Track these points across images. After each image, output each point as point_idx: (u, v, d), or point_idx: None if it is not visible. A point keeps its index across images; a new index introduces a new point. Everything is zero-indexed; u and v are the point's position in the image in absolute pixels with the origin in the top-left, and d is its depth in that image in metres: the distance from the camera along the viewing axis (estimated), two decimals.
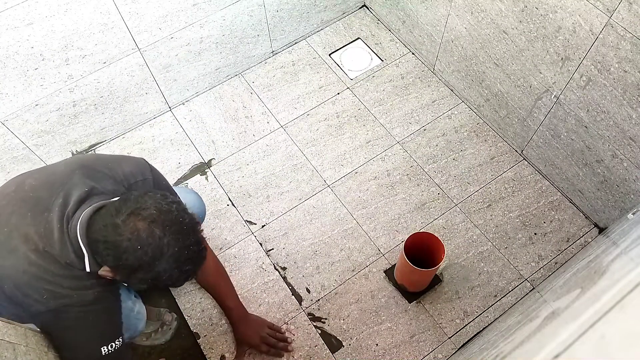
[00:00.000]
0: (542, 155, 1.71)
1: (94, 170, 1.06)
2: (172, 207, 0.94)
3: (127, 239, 0.89)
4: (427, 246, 1.45)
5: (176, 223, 0.93)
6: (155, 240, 0.90)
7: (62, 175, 1.03)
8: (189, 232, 0.95)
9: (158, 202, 0.94)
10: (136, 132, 1.91)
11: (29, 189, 1.01)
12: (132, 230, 0.90)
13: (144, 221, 0.90)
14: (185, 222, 0.95)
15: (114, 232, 0.90)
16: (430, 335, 1.51)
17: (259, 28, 1.91)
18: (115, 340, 1.03)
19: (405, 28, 2.02)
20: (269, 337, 1.47)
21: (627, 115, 1.33)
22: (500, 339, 1.12)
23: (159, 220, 0.91)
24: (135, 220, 0.90)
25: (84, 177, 1.03)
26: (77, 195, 0.99)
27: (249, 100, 1.98)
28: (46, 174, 1.05)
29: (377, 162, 1.82)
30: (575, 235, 1.65)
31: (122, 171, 1.09)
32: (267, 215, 1.73)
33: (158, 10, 1.58)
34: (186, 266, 0.95)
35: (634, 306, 0.54)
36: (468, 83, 1.85)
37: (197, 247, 0.96)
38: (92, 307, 0.99)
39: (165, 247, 0.91)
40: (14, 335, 0.94)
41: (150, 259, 0.90)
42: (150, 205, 0.92)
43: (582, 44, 1.33)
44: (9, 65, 1.42)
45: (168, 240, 0.91)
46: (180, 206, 0.97)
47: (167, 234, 0.91)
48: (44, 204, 0.98)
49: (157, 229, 0.91)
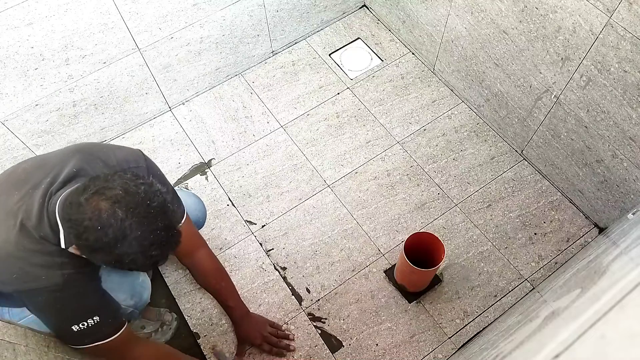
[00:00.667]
0: (542, 155, 1.71)
1: (88, 154, 1.06)
2: (139, 189, 0.90)
3: (88, 219, 0.86)
4: (427, 246, 1.45)
5: (142, 205, 0.88)
6: (117, 221, 0.86)
7: (56, 159, 1.04)
8: (156, 216, 0.90)
9: (126, 182, 0.90)
10: (136, 132, 1.91)
11: (21, 172, 1.03)
12: (94, 210, 0.86)
13: (108, 201, 0.87)
14: (152, 206, 0.90)
15: (77, 210, 0.88)
16: (430, 335, 1.51)
17: (259, 28, 1.91)
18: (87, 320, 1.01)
19: (405, 28, 2.02)
20: (271, 336, 1.46)
21: (627, 115, 1.33)
22: (500, 339, 1.12)
23: (123, 201, 0.87)
24: (98, 199, 0.87)
25: (77, 160, 1.03)
26: (65, 175, 0.99)
27: (249, 100, 1.98)
28: (41, 159, 1.06)
29: (377, 162, 1.82)
30: (575, 235, 1.65)
31: (115, 157, 1.09)
32: (267, 215, 1.73)
33: (158, 10, 1.58)
34: (152, 251, 0.90)
35: (634, 306, 0.54)
36: (468, 83, 1.85)
37: (164, 233, 0.91)
38: (60, 293, 0.97)
39: (127, 229, 0.86)
40: (14, 335, 0.95)
41: (111, 240, 0.86)
42: (117, 185, 0.89)
43: (582, 44, 1.33)
44: (9, 65, 1.42)
45: (130, 223, 0.87)
46: (151, 188, 0.92)
47: (130, 216, 0.87)
48: (32, 183, 0.99)
49: (120, 210, 0.86)
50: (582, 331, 0.53)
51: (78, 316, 1.01)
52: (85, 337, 1.03)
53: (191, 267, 1.36)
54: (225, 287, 1.41)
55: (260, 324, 1.48)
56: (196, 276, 1.38)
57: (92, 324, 1.02)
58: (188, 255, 1.33)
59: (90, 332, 1.02)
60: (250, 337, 1.46)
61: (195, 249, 1.33)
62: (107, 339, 1.06)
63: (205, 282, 1.39)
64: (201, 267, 1.35)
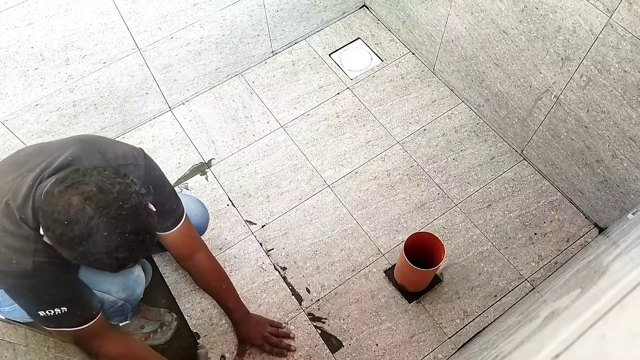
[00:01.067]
0: (542, 155, 1.71)
1: (89, 145, 1.06)
2: (114, 188, 0.87)
3: (57, 212, 0.85)
4: (427, 246, 1.45)
5: (113, 205, 0.86)
6: (85, 219, 0.84)
7: (58, 146, 1.04)
8: (126, 218, 0.87)
9: (102, 179, 0.87)
10: (136, 132, 1.91)
11: (23, 155, 1.03)
12: (64, 204, 0.85)
13: (79, 196, 0.85)
14: (125, 207, 0.87)
15: (49, 201, 0.87)
16: (430, 335, 1.51)
17: (259, 28, 1.91)
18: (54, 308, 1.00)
19: (405, 28, 2.02)
20: (272, 336, 1.46)
21: (627, 115, 1.33)
22: (500, 339, 1.12)
23: (94, 198, 0.85)
24: (71, 193, 0.85)
25: (76, 150, 1.03)
26: (60, 162, 0.99)
27: (249, 100, 1.98)
28: (44, 145, 1.06)
29: (377, 162, 1.82)
30: (575, 235, 1.65)
31: (114, 151, 1.08)
32: (267, 215, 1.73)
33: (158, 10, 1.58)
34: (118, 254, 0.88)
35: (634, 306, 0.54)
36: (468, 83, 1.85)
37: (134, 236, 0.88)
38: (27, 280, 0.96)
39: (94, 228, 0.84)
40: (14, 335, 0.95)
41: (76, 237, 0.85)
42: (92, 182, 0.87)
43: (582, 44, 1.33)
44: (9, 65, 1.42)
45: (98, 222, 0.84)
46: (127, 188, 0.89)
47: (98, 215, 0.84)
48: (29, 166, 0.99)
49: (89, 207, 0.84)
50: (582, 331, 0.53)
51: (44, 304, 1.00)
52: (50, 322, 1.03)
53: (190, 270, 1.36)
54: (225, 289, 1.41)
55: (261, 324, 1.48)
56: (196, 278, 1.38)
57: (60, 313, 1.01)
58: (187, 257, 1.33)
59: (56, 319, 1.02)
60: (250, 338, 1.46)
61: (194, 252, 1.33)
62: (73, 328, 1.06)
63: (204, 284, 1.39)
64: (200, 269, 1.35)
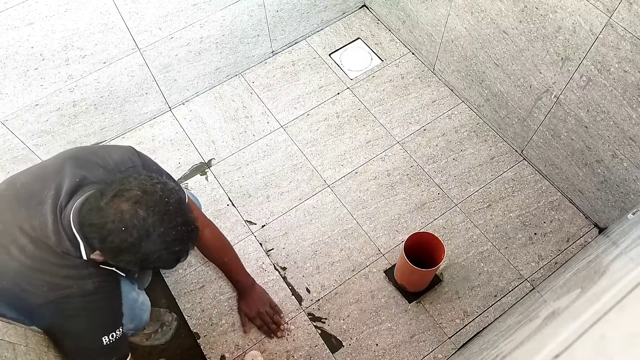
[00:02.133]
0: (542, 155, 1.71)
1: (85, 160, 1.06)
2: (156, 188, 0.93)
3: (111, 221, 0.88)
4: (427, 246, 1.45)
5: (161, 203, 0.91)
6: (140, 221, 0.89)
7: (52, 168, 1.03)
8: (175, 212, 0.93)
9: (142, 183, 0.92)
10: (136, 132, 1.91)
11: (20, 186, 1.02)
12: (116, 212, 0.88)
13: (128, 202, 0.89)
14: (170, 203, 0.93)
15: (98, 215, 0.89)
16: (430, 335, 1.51)
17: (259, 28, 1.91)
18: (116, 330, 1.04)
19: (405, 28, 2.02)
20: (266, 314, 1.50)
21: (627, 115, 1.33)
22: (500, 339, 1.12)
23: (142, 201, 0.90)
24: (118, 202, 0.89)
25: (74, 168, 1.03)
26: (69, 186, 0.99)
27: (249, 100, 1.98)
28: (36, 170, 1.06)
29: (377, 162, 1.82)
30: (575, 235, 1.65)
31: (112, 160, 1.09)
32: (267, 215, 1.73)
33: (158, 10, 1.58)
34: (175, 247, 0.93)
35: (634, 306, 0.54)
36: (468, 83, 1.85)
37: (185, 227, 0.94)
38: (92, 297, 0.99)
39: (150, 227, 0.89)
40: (14, 335, 0.94)
41: (136, 240, 0.89)
42: (134, 187, 0.91)
43: (582, 44, 1.33)
44: (9, 65, 1.42)
45: (153, 221, 0.89)
46: (166, 186, 0.94)
47: (151, 215, 0.89)
48: (37, 198, 0.98)
49: (141, 209, 0.89)
50: (582, 331, 0.53)
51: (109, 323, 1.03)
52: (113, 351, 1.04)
53: (197, 244, 1.37)
54: (228, 262, 1.44)
55: (260, 300, 1.51)
56: (201, 251, 1.41)
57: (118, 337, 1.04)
58: None
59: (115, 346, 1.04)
60: (246, 308, 1.50)
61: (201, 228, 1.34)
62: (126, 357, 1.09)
63: (209, 257, 1.43)
64: (205, 243, 1.38)
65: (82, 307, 0.99)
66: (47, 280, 0.95)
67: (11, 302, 0.96)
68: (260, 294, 1.53)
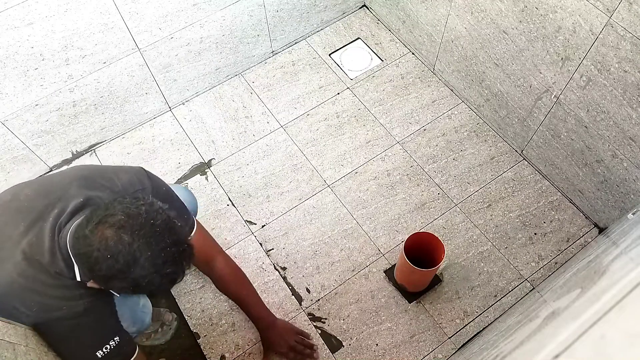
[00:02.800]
0: (542, 155, 1.71)
1: (92, 180, 1.05)
2: (140, 210, 0.89)
3: (96, 249, 0.86)
4: (427, 246, 1.45)
5: (146, 226, 0.88)
6: (125, 246, 0.86)
7: (59, 186, 1.02)
8: (162, 234, 0.89)
9: (126, 206, 0.89)
10: (136, 132, 1.91)
11: (24, 199, 1.00)
12: (100, 240, 0.86)
13: (111, 228, 0.87)
14: (157, 224, 0.89)
15: (84, 243, 0.88)
16: (430, 335, 1.51)
17: (259, 28, 1.91)
18: (109, 342, 1.02)
19: (405, 28, 2.02)
20: (298, 344, 1.42)
21: (627, 115, 1.33)
22: (500, 339, 1.12)
23: (127, 225, 0.87)
24: (102, 229, 0.87)
25: (81, 188, 1.02)
26: (73, 206, 0.98)
27: (249, 100, 1.98)
28: (43, 184, 1.04)
29: (377, 162, 1.82)
30: (575, 235, 1.65)
31: (120, 182, 1.07)
32: (267, 215, 1.73)
33: (158, 10, 1.58)
34: (167, 269, 0.90)
35: (634, 306, 0.54)
36: (468, 83, 1.85)
37: (175, 248, 0.91)
38: (83, 318, 0.98)
39: (137, 252, 0.86)
40: (14, 335, 0.94)
41: (123, 267, 0.86)
42: (118, 211, 0.88)
43: (582, 44, 1.33)
44: (9, 65, 1.42)
45: (139, 245, 0.86)
46: (152, 207, 0.91)
47: (136, 239, 0.86)
48: (38, 214, 0.97)
49: (125, 235, 0.86)
50: (582, 331, 0.53)
51: (101, 339, 1.01)
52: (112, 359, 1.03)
53: (210, 276, 1.35)
54: (246, 295, 1.38)
55: (287, 333, 1.43)
56: (215, 283, 1.37)
57: (114, 346, 1.02)
58: (205, 263, 1.32)
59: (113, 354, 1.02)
60: (276, 346, 1.41)
61: (211, 258, 1.32)
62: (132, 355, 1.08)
63: (225, 291, 1.38)
64: (218, 275, 1.33)
65: (71, 330, 0.97)
66: (37, 300, 0.94)
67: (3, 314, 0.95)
68: (285, 325, 1.45)
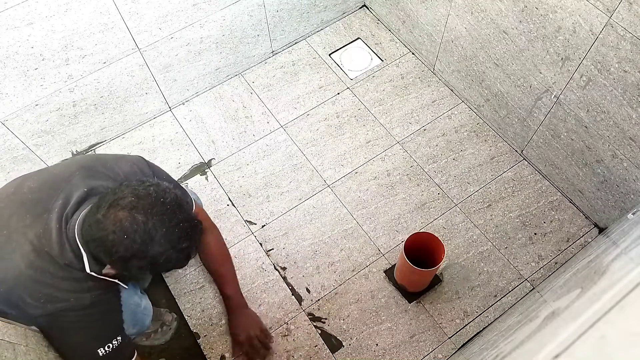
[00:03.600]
0: (542, 155, 1.71)
1: (94, 170, 1.06)
2: (149, 190, 0.92)
3: (111, 232, 0.88)
4: (427, 246, 1.45)
5: (157, 204, 0.91)
6: (140, 225, 0.88)
7: (61, 177, 1.03)
8: (174, 210, 0.92)
9: (134, 188, 0.92)
10: (136, 132, 1.91)
11: (27, 191, 1.01)
12: (114, 222, 0.88)
13: (124, 210, 0.89)
14: (167, 202, 0.92)
15: (97, 228, 0.89)
16: (430, 335, 1.51)
17: (259, 28, 1.91)
18: (112, 340, 1.03)
19: (405, 28, 2.02)
20: (255, 338, 1.44)
21: (627, 115, 1.33)
22: (500, 339, 1.12)
23: (138, 205, 0.89)
24: (115, 212, 0.89)
25: (84, 178, 1.03)
26: (77, 196, 0.99)
27: (249, 100, 1.98)
28: (45, 176, 1.05)
29: (377, 162, 1.82)
30: (575, 235, 1.65)
31: (121, 171, 1.09)
32: (267, 215, 1.73)
33: (158, 10, 1.58)
34: (182, 244, 0.93)
35: (634, 306, 0.54)
36: (468, 83, 1.85)
37: (188, 224, 0.94)
38: (89, 310, 0.99)
39: (152, 230, 0.89)
40: (14, 335, 0.94)
41: (141, 245, 0.89)
42: (127, 194, 0.91)
43: (582, 44, 1.33)
44: (9, 65, 1.42)
45: (153, 223, 0.89)
46: (159, 187, 0.94)
47: (150, 217, 0.89)
48: (43, 206, 0.98)
49: (138, 214, 0.89)
50: (582, 331, 0.53)
51: (104, 335, 1.02)
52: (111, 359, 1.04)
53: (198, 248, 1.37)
54: (225, 272, 1.42)
55: (253, 324, 1.46)
56: (200, 256, 1.41)
57: (116, 346, 1.03)
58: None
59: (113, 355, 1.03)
60: (235, 330, 1.45)
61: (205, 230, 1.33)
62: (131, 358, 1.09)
63: (208, 264, 1.42)
64: (206, 248, 1.37)
65: (77, 321, 0.98)
66: (45, 292, 0.95)
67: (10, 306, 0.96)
68: (252, 316, 1.48)
